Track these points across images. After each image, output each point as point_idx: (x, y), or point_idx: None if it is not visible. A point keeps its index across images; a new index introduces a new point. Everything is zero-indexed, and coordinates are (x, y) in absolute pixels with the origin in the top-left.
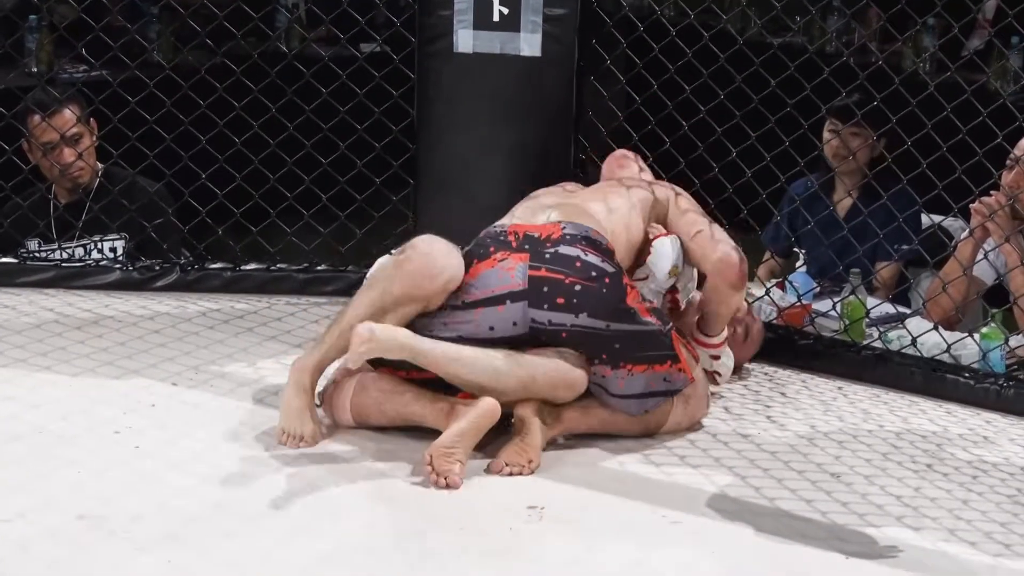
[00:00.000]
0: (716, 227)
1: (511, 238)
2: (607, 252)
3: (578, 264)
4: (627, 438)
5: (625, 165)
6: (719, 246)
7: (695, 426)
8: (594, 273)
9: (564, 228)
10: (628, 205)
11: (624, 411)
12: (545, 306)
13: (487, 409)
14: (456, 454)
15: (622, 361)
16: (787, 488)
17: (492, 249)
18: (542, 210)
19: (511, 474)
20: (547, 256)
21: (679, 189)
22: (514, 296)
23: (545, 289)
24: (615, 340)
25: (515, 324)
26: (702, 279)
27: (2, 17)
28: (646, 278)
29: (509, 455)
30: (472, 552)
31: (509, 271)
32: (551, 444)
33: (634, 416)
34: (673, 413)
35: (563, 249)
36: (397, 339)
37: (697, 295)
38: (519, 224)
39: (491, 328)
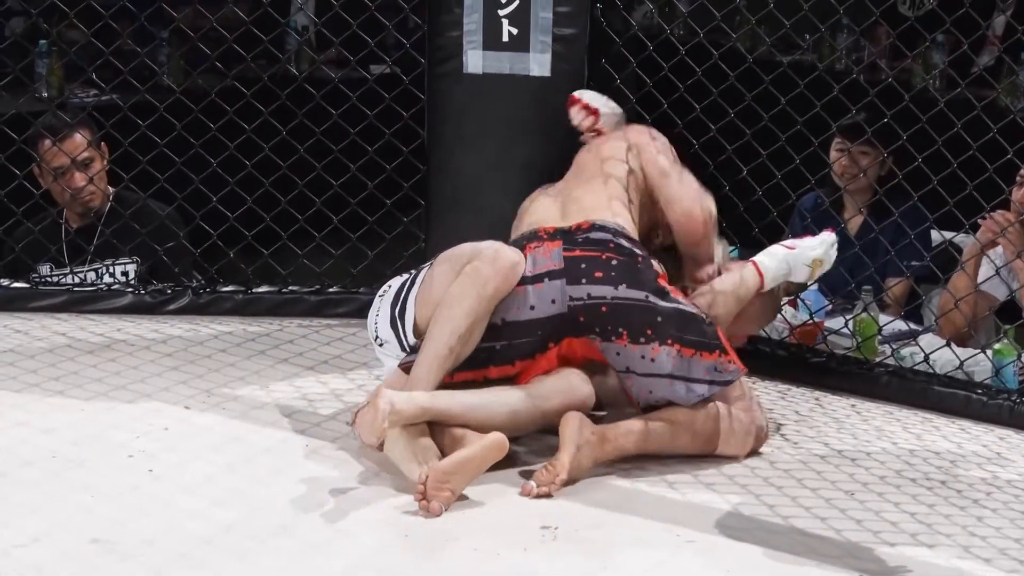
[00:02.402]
0: (685, 173)
1: (542, 233)
2: (635, 241)
3: (611, 245)
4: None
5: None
6: (683, 202)
7: (752, 452)
8: (627, 252)
9: (592, 222)
10: (621, 193)
11: (673, 398)
12: (583, 280)
13: (495, 442)
14: (452, 482)
15: (669, 338)
16: (801, 506)
17: (525, 243)
18: (561, 212)
19: (539, 496)
20: (579, 240)
21: (645, 135)
22: (552, 274)
23: (583, 266)
24: (657, 314)
25: (554, 302)
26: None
27: (12, 42)
28: None
29: (538, 474)
30: (486, 572)
31: (544, 255)
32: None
33: (686, 406)
34: (735, 421)
35: (594, 235)
36: (418, 405)
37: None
38: (549, 225)
39: (532, 308)
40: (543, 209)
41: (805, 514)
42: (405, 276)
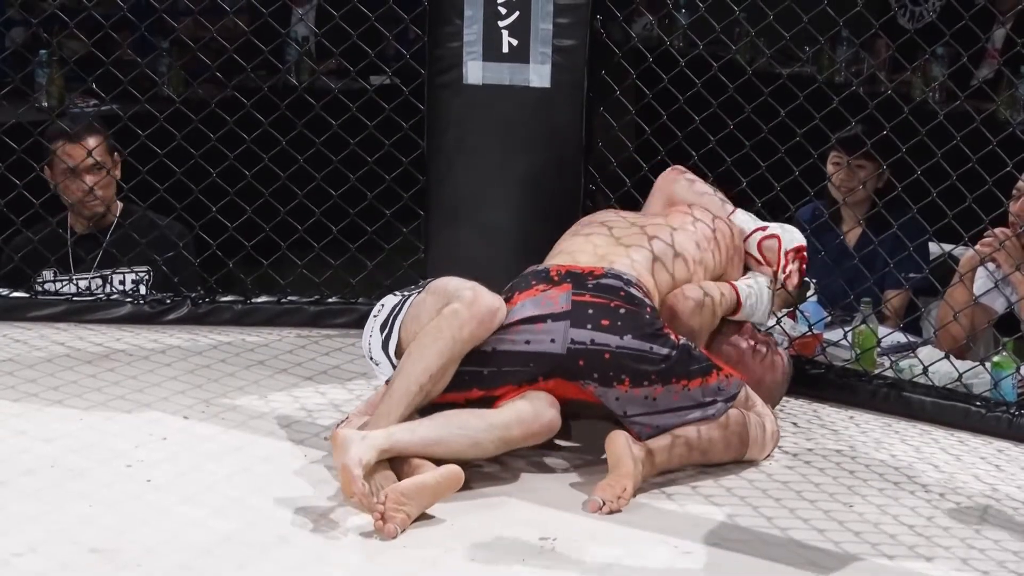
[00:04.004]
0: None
1: (553, 274)
2: (646, 292)
3: (622, 293)
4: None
5: (676, 180)
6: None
7: (776, 442)
8: (636, 302)
9: (606, 269)
10: (666, 262)
11: (696, 421)
12: (589, 326)
13: (451, 474)
14: (409, 506)
15: (673, 377)
16: (799, 518)
17: (534, 282)
18: (586, 253)
19: (611, 511)
20: (590, 285)
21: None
22: (555, 316)
23: (590, 311)
24: (661, 361)
25: (553, 341)
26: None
27: (12, 52)
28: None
29: (602, 490)
30: None
31: (552, 299)
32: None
33: (713, 423)
34: (753, 427)
35: (605, 281)
36: (379, 449)
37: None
38: (561, 264)
39: (527, 342)
40: (576, 240)
41: (803, 526)
42: (399, 296)
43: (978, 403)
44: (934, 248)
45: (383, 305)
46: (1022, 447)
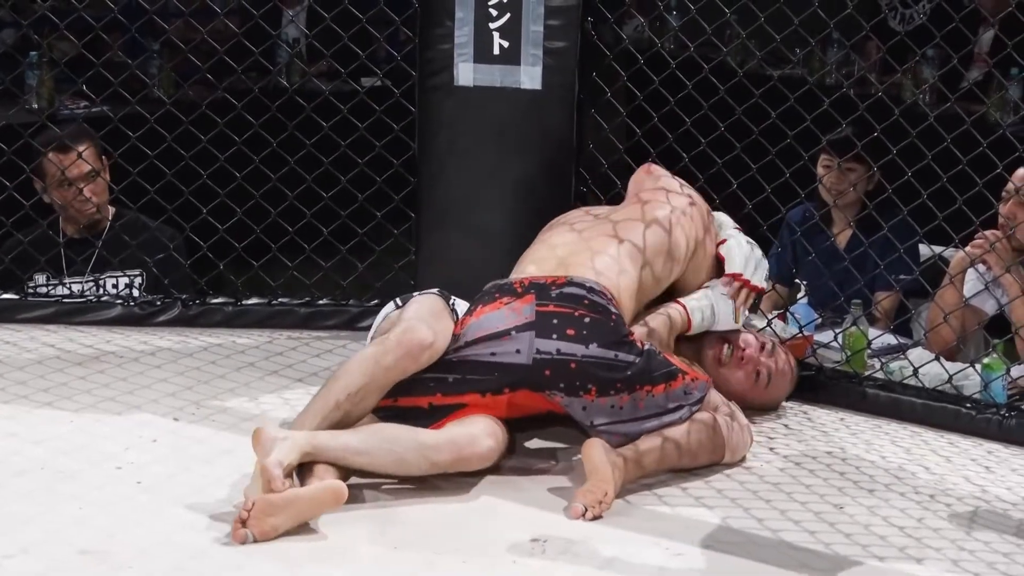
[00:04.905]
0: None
1: (517, 287)
2: (609, 299)
3: (585, 301)
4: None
5: (645, 179)
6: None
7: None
8: (600, 309)
9: (569, 278)
10: (630, 267)
11: (665, 425)
12: (554, 336)
13: (331, 490)
14: (278, 517)
15: (638, 384)
16: (790, 520)
17: (498, 295)
18: (550, 261)
19: (594, 517)
20: (553, 295)
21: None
22: (520, 328)
23: (554, 321)
24: (627, 368)
25: (518, 351)
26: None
27: (2, 53)
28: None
29: (583, 496)
30: None
31: (515, 310)
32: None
33: (687, 428)
34: (727, 429)
35: (568, 290)
36: (300, 450)
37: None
38: (525, 277)
39: (492, 353)
40: (541, 249)
41: (794, 527)
42: (392, 306)
43: (968, 405)
44: (924, 250)
45: (382, 314)
46: (1012, 449)
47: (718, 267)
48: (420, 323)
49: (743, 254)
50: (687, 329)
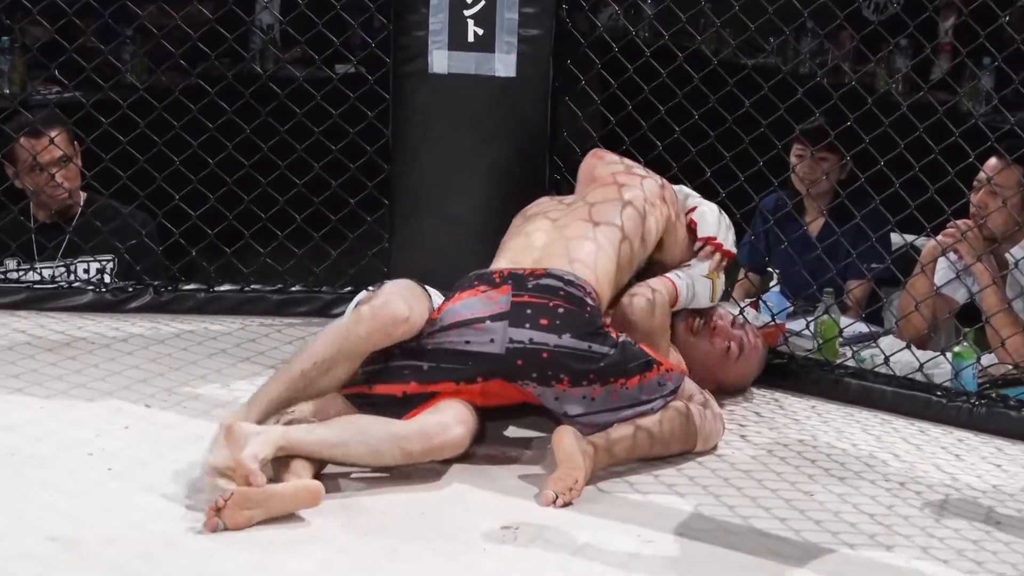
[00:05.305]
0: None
1: (495, 277)
2: (587, 291)
3: (561, 292)
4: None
5: (597, 165)
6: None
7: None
8: (576, 301)
9: (547, 270)
10: (608, 248)
11: (641, 415)
12: (527, 325)
13: (308, 489)
14: (254, 511)
15: (611, 377)
16: (761, 507)
17: (476, 283)
18: (528, 253)
19: (565, 504)
20: (530, 286)
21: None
22: (495, 317)
23: (528, 311)
24: (600, 360)
25: (492, 341)
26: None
27: None
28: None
29: (554, 483)
30: (448, 571)
31: (492, 299)
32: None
33: (660, 416)
34: (700, 418)
35: (545, 281)
36: (274, 444)
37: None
38: (504, 268)
39: (467, 342)
40: (519, 240)
41: (764, 515)
42: (363, 295)
43: (939, 393)
44: (896, 239)
45: (355, 301)
46: (982, 437)
47: (692, 236)
48: (397, 297)
49: (715, 218)
50: (675, 303)
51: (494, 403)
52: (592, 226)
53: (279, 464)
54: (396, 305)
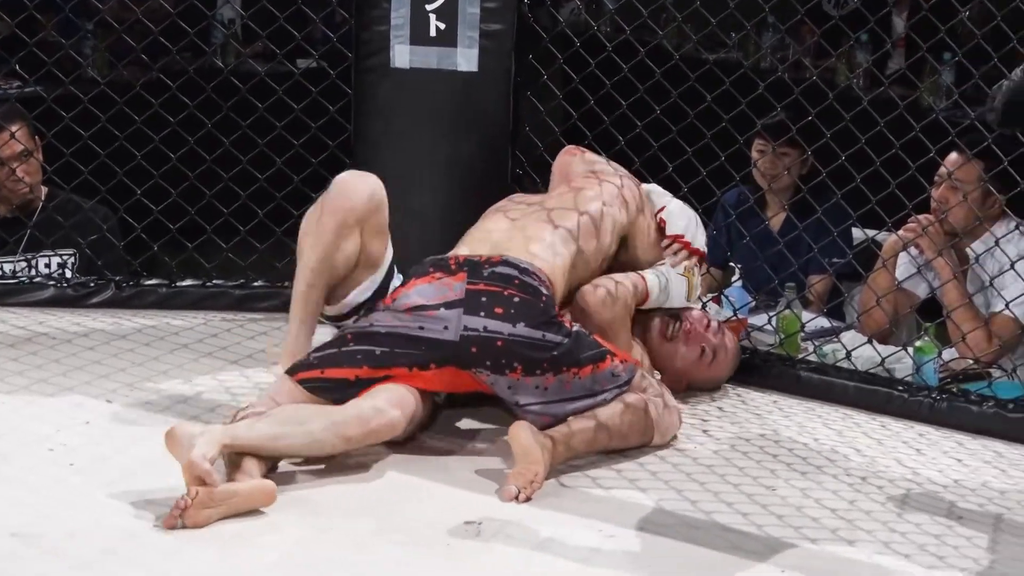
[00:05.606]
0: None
1: (451, 263)
2: (541, 280)
3: (516, 281)
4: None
5: (571, 162)
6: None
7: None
8: (531, 289)
9: (503, 257)
10: (562, 247)
11: (590, 407)
12: (482, 313)
13: (263, 488)
14: (216, 509)
15: (564, 367)
16: (723, 502)
17: (432, 269)
18: (485, 243)
19: (526, 499)
20: (485, 274)
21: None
22: (449, 304)
23: (483, 299)
24: (553, 349)
25: (446, 328)
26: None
27: None
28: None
29: (514, 478)
30: (412, 566)
31: (447, 286)
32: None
33: (616, 410)
34: (656, 411)
35: (501, 268)
36: (220, 443)
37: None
38: (460, 254)
39: (421, 328)
40: (478, 233)
41: (727, 510)
42: None
43: (900, 388)
44: (857, 233)
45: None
46: (943, 431)
47: (662, 235)
48: (350, 179)
49: (685, 217)
50: (644, 300)
51: (448, 390)
52: (552, 228)
53: (229, 464)
54: (347, 184)
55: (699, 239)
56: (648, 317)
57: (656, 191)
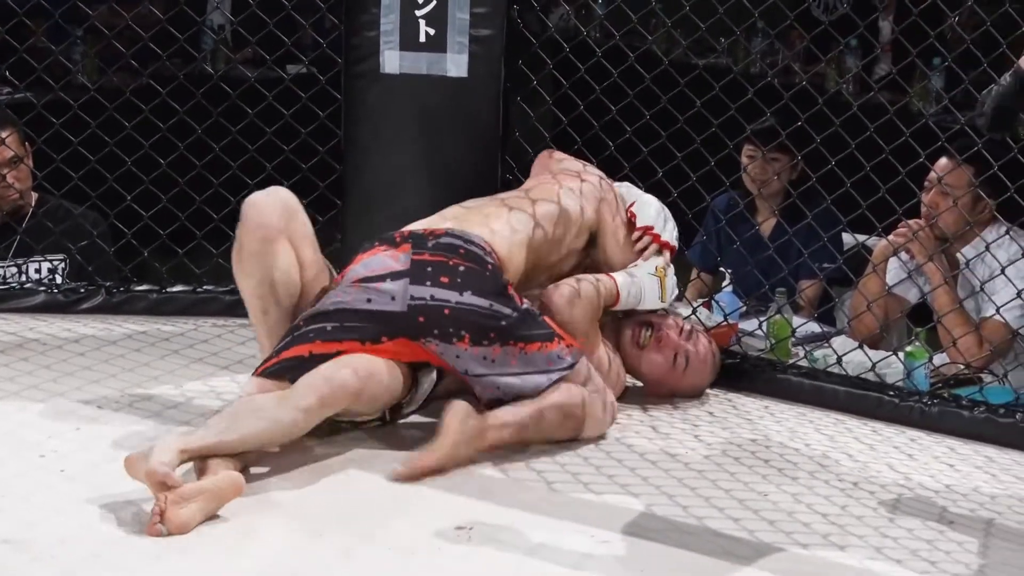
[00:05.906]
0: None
1: (396, 237)
2: (486, 250)
3: (461, 251)
4: (558, 451)
5: (548, 163)
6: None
7: (615, 415)
8: (477, 259)
9: (448, 230)
10: (520, 227)
11: (521, 392)
12: (428, 283)
13: (230, 480)
14: (190, 507)
15: (511, 339)
16: (715, 507)
17: (377, 243)
18: (437, 222)
19: (407, 480)
20: (430, 244)
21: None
22: (395, 275)
23: (429, 269)
24: (501, 319)
25: (393, 299)
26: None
27: None
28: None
29: (410, 459)
30: (402, 571)
31: (392, 257)
32: (477, 458)
33: (551, 400)
34: (592, 405)
35: (445, 240)
36: (177, 450)
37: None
38: (406, 229)
39: (368, 300)
40: (433, 220)
41: (718, 515)
42: None
43: (891, 393)
44: (848, 238)
45: None
46: (935, 436)
47: (632, 230)
48: (256, 200)
49: (654, 210)
50: (615, 301)
51: (408, 360)
52: (507, 210)
53: (198, 472)
54: (253, 207)
55: (668, 231)
56: (620, 325)
57: (627, 188)
